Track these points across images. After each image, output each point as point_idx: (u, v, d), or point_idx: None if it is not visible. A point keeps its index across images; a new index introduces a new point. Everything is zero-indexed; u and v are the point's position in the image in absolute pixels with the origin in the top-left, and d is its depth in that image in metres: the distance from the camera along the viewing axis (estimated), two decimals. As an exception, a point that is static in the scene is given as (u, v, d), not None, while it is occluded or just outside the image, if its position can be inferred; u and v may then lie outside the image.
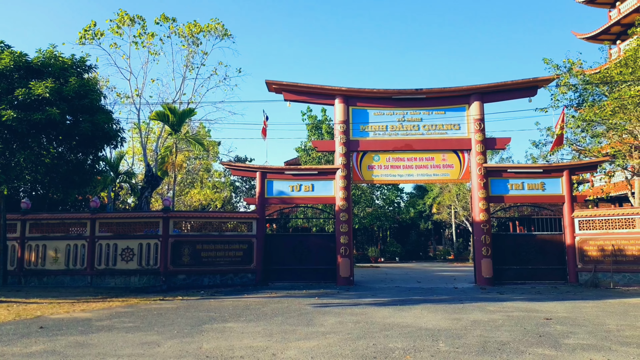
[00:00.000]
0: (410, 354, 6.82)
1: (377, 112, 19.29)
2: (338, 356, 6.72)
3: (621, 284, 16.49)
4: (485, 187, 18.34)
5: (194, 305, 12.48)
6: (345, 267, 17.94)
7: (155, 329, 8.88)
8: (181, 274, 17.40)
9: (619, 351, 6.96)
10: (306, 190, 18.80)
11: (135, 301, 13.20)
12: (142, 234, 17.47)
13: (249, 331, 8.60)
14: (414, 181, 21.98)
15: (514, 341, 7.68)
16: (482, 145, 18.58)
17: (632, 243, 16.63)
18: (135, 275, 17.13)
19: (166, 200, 18.27)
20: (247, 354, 6.85)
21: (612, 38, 35.66)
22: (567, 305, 12.12)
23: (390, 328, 8.89)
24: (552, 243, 18.18)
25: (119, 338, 8.01)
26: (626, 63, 18.62)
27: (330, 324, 9.38)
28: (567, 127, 19.82)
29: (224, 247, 17.96)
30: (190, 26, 23.61)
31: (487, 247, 17.90)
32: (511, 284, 17.74)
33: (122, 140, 19.39)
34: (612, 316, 10.34)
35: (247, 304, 12.63)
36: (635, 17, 22.32)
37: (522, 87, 18.73)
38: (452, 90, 19.01)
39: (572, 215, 17.88)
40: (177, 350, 7.12)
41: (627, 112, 18.14)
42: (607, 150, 20.59)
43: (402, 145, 19.01)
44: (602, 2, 37.19)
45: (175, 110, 21.07)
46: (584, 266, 17.42)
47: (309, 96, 19.46)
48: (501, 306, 12.02)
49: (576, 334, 8.31)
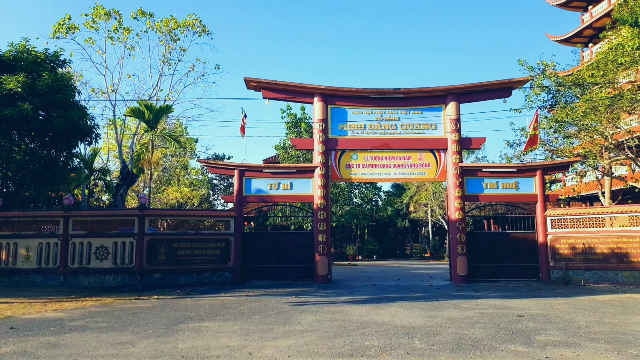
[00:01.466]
0: (386, 352, 6.90)
1: (356, 111, 19.39)
2: (315, 354, 6.75)
3: (591, 281, 16.92)
4: (461, 186, 18.61)
5: (170, 304, 12.36)
6: (323, 265, 17.99)
7: (130, 328, 8.78)
8: (157, 272, 17.21)
9: (588, 347, 7.15)
10: (285, 188, 18.78)
11: (109, 300, 13.01)
12: (117, 232, 17.21)
13: (226, 330, 8.56)
14: (391, 180, 22.20)
15: (488, 338, 7.83)
16: (458, 144, 18.84)
17: (602, 241, 17.07)
18: (110, 274, 16.87)
19: (142, 198, 18.01)
20: (223, 353, 6.83)
21: (585, 41, 36.52)
22: (539, 302, 12.38)
23: (367, 326, 8.96)
24: (525, 241, 18.55)
25: (93, 338, 7.89)
26: (597, 66, 19.08)
27: (307, 322, 9.41)
28: (540, 127, 20.22)
29: (200, 246, 17.82)
30: (167, 22, 23.29)
31: (463, 245, 18.17)
32: (485, 281, 18.04)
33: (96, 136, 19.12)
34: (582, 313, 10.60)
35: (224, 302, 12.58)
36: (606, 21, 22.90)
37: (497, 88, 19.05)
38: (429, 90, 19.22)
39: (545, 214, 18.28)
40: (152, 350, 7.06)
41: (598, 113, 18.60)
42: (578, 151, 21.09)
43: (380, 144, 19.15)
44: (575, 6, 38.08)
45: (152, 106, 20.80)
46: (555, 264, 17.83)
47: (288, 94, 19.44)
48: (475, 303, 12.22)
49: (547, 330, 8.50)
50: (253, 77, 18.78)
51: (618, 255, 16.68)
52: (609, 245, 16.89)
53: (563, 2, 37.86)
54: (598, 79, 18.86)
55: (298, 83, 19.11)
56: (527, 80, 19.70)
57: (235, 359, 6.52)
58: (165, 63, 23.97)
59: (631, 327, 8.81)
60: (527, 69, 20.96)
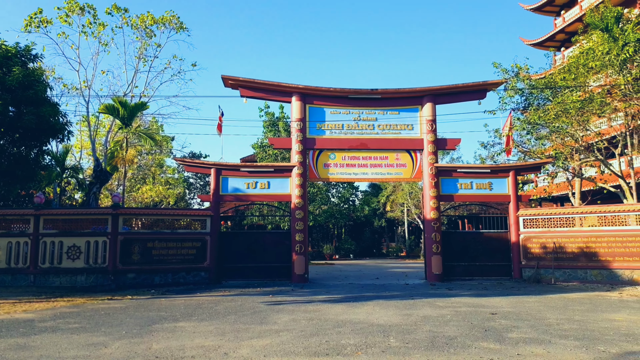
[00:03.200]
0: (362, 350, 6.95)
1: (334, 111, 19.44)
2: (291, 354, 6.76)
3: (561, 280, 17.33)
4: (436, 186, 18.84)
5: (144, 304, 12.21)
6: (300, 265, 17.99)
7: (103, 329, 8.64)
8: (131, 272, 16.96)
9: (558, 344, 7.32)
10: (262, 187, 18.72)
11: (81, 301, 12.78)
12: (89, 231, 16.90)
13: (201, 330, 8.50)
14: (368, 179, 22.35)
15: (461, 336, 7.95)
16: (433, 145, 19.07)
17: (571, 241, 17.49)
18: (82, 274, 16.55)
19: (115, 197, 17.72)
20: (198, 353, 6.78)
21: (557, 45, 37.34)
22: (511, 300, 12.63)
23: (343, 325, 9.01)
24: (498, 240, 18.89)
25: (64, 339, 7.74)
26: (569, 69, 19.54)
27: (283, 321, 9.41)
28: (513, 129, 20.61)
29: (176, 245, 17.62)
30: (143, 17, 22.96)
31: (437, 244, 18.40)
32: (460, 280, 18.31)
33: (69, 133, 18.74)
34: (552, 310, 10.85)
35: (199, 302, 12.48)
36: (578, 26, 23.45)
37: (472, 90, 19.34)
38: (406, 91, 19.40)
39: (517, 214, 18.64)
40: (125, 351, 6.96)
41: (569, 116, 19.04)
42: (550, 152, 21.56)
43: (358, 144, 19.24)
44: (548, 10, 38.89)
45: (126, 103, 20.48)
46: (527, 263, 18.20)
47: (266, 93, 19.37)
48: (450, 302, 12.39)
49: (519, 328, 8.68)
50: (231, 75, 18.66)
51: (587, 254, 17.10)
52: (579, 244, 17.32)
53: (537, 7, 38.63)
54: (569, 82, 19.31)
55: (276, 82, 19.07)
56: (501, 82, 20.06)
57: (210, 359, 6.48)
58: (141, 59, 23.64)
59: (599, 324, 9.05)
60: (502, 72, 21.35)
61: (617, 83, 18.72)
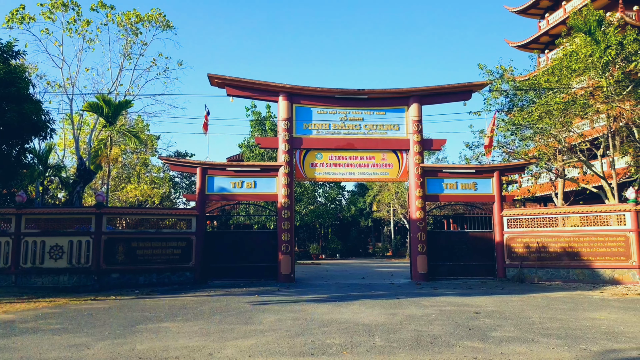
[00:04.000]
0: (347, 350, 6.96)
1: (321, 111, 19.45)
2: (276, 354, 6.74)
3: (544, 279, 17.54)
4: (422, 186, 18.94)
5: (128, 304, 12.09)
6: (286, 265, 17.97)
7: (85, 330, 8.54)
8: (115, 272, 16.78)
9: (540, 342, 7.41)
10: (248, 187, 18.65)
11: (64, 301, 12.62)
12: (73, 230, 16.68)
13: (186, 331, 8.45)
14: (355, 179, 22.40)
15: (446, 335, 8.00)
16: (419, 145, 19.17)
17: (554, 240, 17.71)
18: (65, 274, 16.33)
19: (99, 196, 17.52)
20: (182, 354, 6.74)
21: (541, 47, 37.77)
22: (495, 300, 12.75)
23: (329, 324, 9.02)
24: (482, 240, 19.07)
25: (45, 340, 7.64)
26: (553, 71, 19.76)
27: (269, 321, 9.39)
28: (498, 130, 20.80)
29: (161, 245, 17.48)
30: (129, 15, 22.73)
31: (423, 244, 18.50)
32: (445, 279, 18.45)
33: (52, 131, 18.48)
34: (535, 309, 10.98)
35: (184, 303, 12.39)
36: (562, 29, 23.76)
37: (457, 91, 19.50)
38: (392, 91, 19.48)
39: (501, 214, 18.83)
40: (108, 352, 6.89)
41: (552, 117, 19.25)
42: (534, 153, 21.79)
43: (344, 144, 19.28)
44: (533, 13, 39.36)
45: (111, 101, 20.26)
46: (511, 262, 18.40)
47: (252, 92, 19.30)
48: (435, 301, 12.48)
49: (503, 326, 8.76)
50: (217, 74, 18.57)
51: (569, 254, 17.33)
52: (561, 244, 17.55)
53: (522, 9, 39.07)
54: (553, 84, 19.54)
55: (263, 81, 19.02)
56: (487, 84, 20.24)
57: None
58: (126, 57, 23.40)
59: (581, 322, 9.18)
60: (487, 73, 21.53)
61: (599, 85, 18.99)
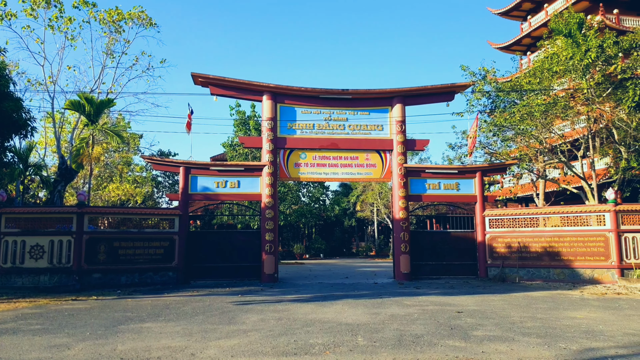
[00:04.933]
0: (330, 349, 6.98)
1: (305, 111, 19.45)
2: (259, 354, 6.74)
3: (525, 278, 17.78)
4: (405, 186, 19.06)
5: (110, 305, 11.97)
6: (270, 264, 17.94)
7: (66, 330, 8.43)
8: (96, 272, 16.60)
9: (521, 341, 7.51)
10: (232, 186, 18.58)
11: (44, 302, 12.44)
12: (54, 230, 16.45)
13: (168, 331, 8.39)
14: (339, 179, 22.45)
15: (428, 334, 8.07)
16: (403, 146, 19.29)
17: (535, 240, 17.95)
18: (46, 274, 16.10)
19: (81, 195, 17.30)
20: (164, 354, 6.69)
21: (524, 49, 38.26)
22: (477, 299, 12.89)
23: (312, 324, 9.03)
24: (465, 240, 19.26)
25: (25, 341, 7.53)
26: (534, 73, 20.07)
27: (252, 321, 9.37)
28: (480, 131, 21.04)
29: (143, 245, 17.32)
30: (111, 12, 22.48)
31: (406, 243, 18.62)
32: (427, 278, 18.59)
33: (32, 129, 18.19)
34: (516, 309, 11.11)
35: (166, 303, 12.30)
36: (543, 31, 24.08)
37: (440, 91, 19.64)
38: (376, 92, 19.56)
39: (483, 214, 19.03)
40: (89, 352, 6.81)
41: (534, 118, 19.56)
42: (515, 154, 22.10)
43: (328, 143, 19.30)
44: (515, 15, 39.85)
45: (93, 99, 19.99)
46: (493, 262, 18.61)
47: (236, 91, 19.22)
48: (417, 300, 12.57)
49: (484, 326, 8.86)
50: (201, 73, 18.46)
51: (550, 253, 17.59)
52: (542, 244, 17.79)
53: (504, 11, 39.52)
54: (534, 85, 19.84)
55: (247, 80, 18.95)
56: (469, 85, 20.45)
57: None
58: (109, 55, 23.14)
59: (561, 321, 9.32)
60: (469, 74, 21.78)
61: (580, 87, 19.33)
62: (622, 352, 6.84)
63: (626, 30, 26.78)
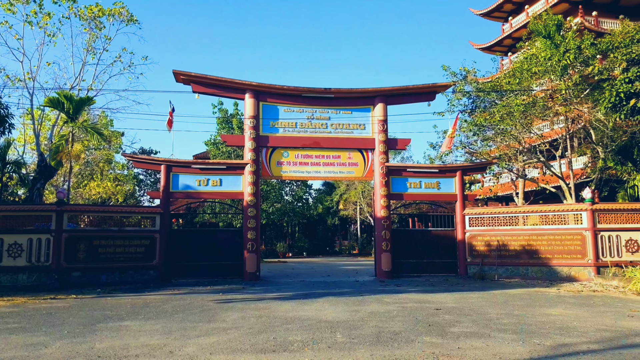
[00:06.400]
0: (309, 346, 7.05)
1: (287, 109, 19.46)
2: (237, 351, 6.77)
3: (504, 276, 18.04)
4: (387, 185, 19.19)
5: (89, 303, 11.87)
6: (252, 263, 17.93)
7: (44, 329, 8.36)
8: (76, 271, 16.42)
9: (496, 337, 7.65)
10: (214, 185, 18.52)
11: (22, 300, 12.30)
12: (32, 228, 16.21)
13: (147, 329, 8.37)
14: (321, 178, 22.55)
15: (406, 331, 8.18)
16: (384, 145, 19.41)
17: (514, 239, 18.22)
18: (24, 272, 15.86)
19: (60, 193, 17.09)
20: (142, 352, 6.69)
21: (505, 50, 38.72)
22: (455, 296, 13.06)
23: (292, 321, 9.08)
24: (445, 238, 19.46)
25: (1, 340, 7.45)
26: (514, 74, 20.36)
27: (232, 319, 9.39)
28: (461, 131, 21.29)
29: (124, 243, 17.18)
30: (92, 8, 22.20)
31: (387, 241, 18.76)
32: (408, 276, 18.75)
33: (10, 126, 17.95)
34: (494, 306, 11.29)
35: (146, 301, 12.24)
36: (524, 32, 24.47)
37: (422, 91, 19.80)
38: (358, 91, 19.65)
39: (464, 213, 19.26)
40: (66, 351, 6.78)
41: (513, 118, 19.85)
42: (495, 154, 22.41)
43: (311, 142, 19.35)
44: (497, 16, 40.30)
45: (72, 97, 19.74)
46: (472, 260, 18.84)
47: (218, 89, 19.15)
48: (397, 298, 12.70)
49: (461, 322, 9.00)
50: (182, 70, 18.34)
51: (529, 252, 17.86)
52: (521, 242, 18.05)
53: (486, 12, 39.95)
54: (514, 86, 20.12)
55: (229, 78, 18.88)
56: (450, 85, 20.67)
57: (155, 358, 6.40)
58: (89, 52, 22.86)
59: (536, 318, 9.51)
60: (451, 75, 22.02)
61: (558, 88, 19.65)
62: (593, 347, 7.03)
63: (604, 32, 27.27)
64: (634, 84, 15.09)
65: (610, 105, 15.94)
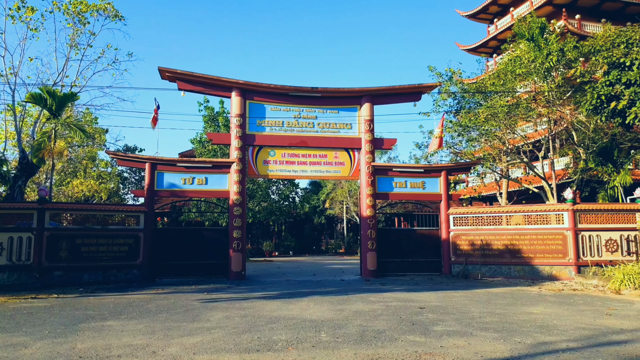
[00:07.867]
0: (293, 345, 7.05)
1: (274, 108, 19.43)
2: (221, 351, 6.75)
3: (488, 275, 18.23)
4: (373, 184, 19.28)
5: (71, 303, 11.74)
6: (237, 262, 17.89)
7: (24, 329, 8.25)
8: (58, 270, 16.22)
9: (479, 336, 7.74)
10: (200, 183, 18.43)
11: (2, 300, 12.10)
12: (13, 226, 15.97)
13: (130, 329, 8.30)
14: (308, 177, 22.53)
15: (390, 329, 8.23)
16: (371, 144, 19.50)
17: (497, 238, 18.42)
18: (4, 271, 15.60)
19: (42, 191, 16.85)
20: (125, 352, 6.64)
21: (490, 51, 39.10)
22: (439, 295, 13.17)
23: (277, 321, 9.08)
24: (430, 237, 19.61)
25: (-20, 341, 7.34)
26: (498, 75, 20.59)
27: (216, 319, 9.36)
28: (446, 131, 21.46)
29: (107, 242, 17.02)
30: (76, 3, 21.89)
31: (373, 241, 18.85)
32: (393, 275, 18.86)
33: (-9, 123, 17.64)
34: (477, 304, 11.41)
35: (130, 301, 12.14)
36: (509, 34, 24.71)
37: (408, 92, 19.92)
38: (345, 91, 19.71)
39: (448, 212, 19.42)
40: (47, 351, 6.70)
41: (497, 119, 20.08)
42: (479, 154, 22.63)
43: (298, 141, 19.35)
44: (483, 18, 40.67)
45: (55, 93, 19.45)
46: (456, 259, 19.02)
47: (204, 87, 19.05)
48: (382, 297, 12.76)
49: (445, 321, 9.08)
50: (168, 67, 18.21)
51: (511, 251, 18.08)
52: (504, 242, 18.26)
53: (472, 14, 40.28)
54: (498, 87, 20.34)
55: (216, 76, 18.79)
56: (436, 85, 20.82)
57: (137, 358, 6.36)
58: (73, 47, 22.50)
59: (518, 316, 9.62)
60: (436, 75, 22.18)
61: (541, 90, 19.92)
62: (572, 345, 7.14)
63: (587, 35, 27.69)
64: (615, 86, 15.35)
65: (592, 107, 16.19)
